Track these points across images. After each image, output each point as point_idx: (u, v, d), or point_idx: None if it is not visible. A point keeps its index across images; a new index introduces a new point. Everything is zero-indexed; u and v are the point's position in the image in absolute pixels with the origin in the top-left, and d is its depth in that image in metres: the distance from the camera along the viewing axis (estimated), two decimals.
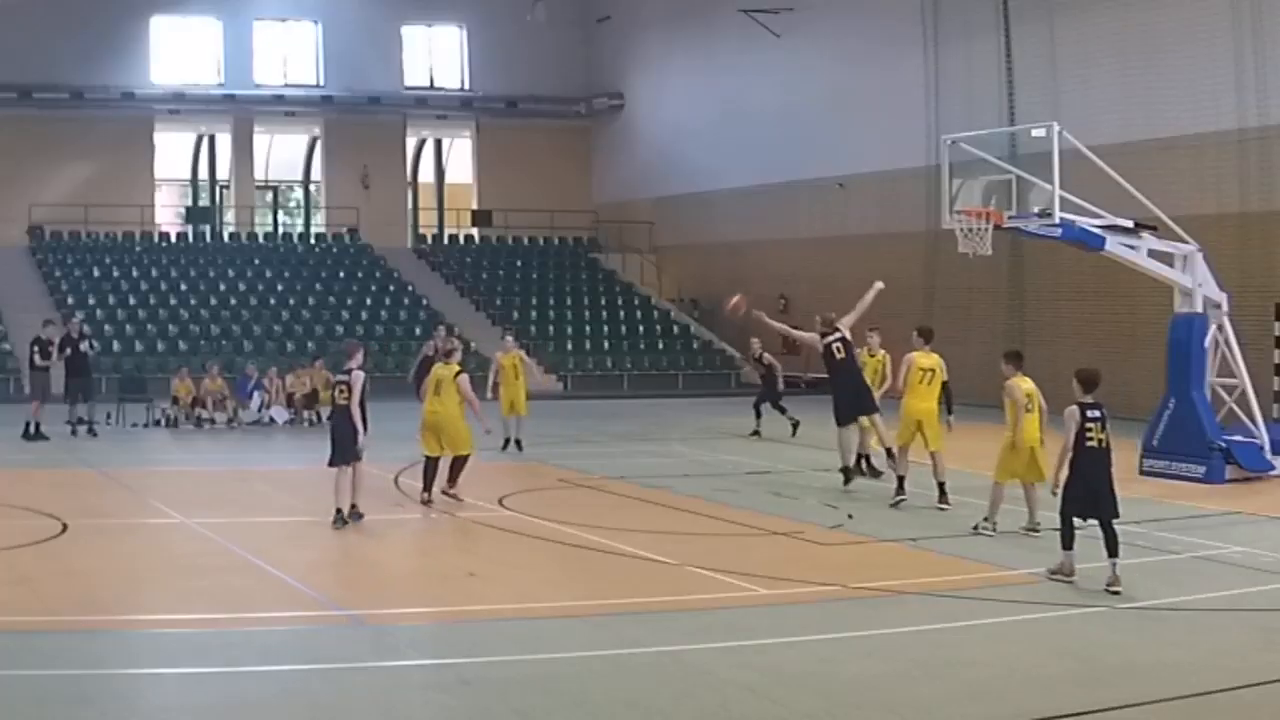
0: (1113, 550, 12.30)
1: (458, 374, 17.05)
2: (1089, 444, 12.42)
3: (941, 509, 16.80)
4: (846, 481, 18.51)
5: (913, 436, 17.29)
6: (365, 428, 15.67)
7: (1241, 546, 14.67)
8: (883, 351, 20.57)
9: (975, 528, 15.28)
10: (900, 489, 17.35)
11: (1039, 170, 19.64)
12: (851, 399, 18.47)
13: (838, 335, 18.39)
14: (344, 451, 15.60)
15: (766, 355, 26.70)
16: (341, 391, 15.73)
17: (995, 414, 15.47)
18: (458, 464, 17.23)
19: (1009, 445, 15.04)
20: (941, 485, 17.13)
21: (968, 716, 9.13)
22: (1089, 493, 12.41)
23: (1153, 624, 11.15)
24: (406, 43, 47.14)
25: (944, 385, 17.55)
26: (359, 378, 15.69)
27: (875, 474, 19.24)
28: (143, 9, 43.47)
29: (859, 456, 19.25)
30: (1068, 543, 12.63)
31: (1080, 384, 12.67)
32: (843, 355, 18.42)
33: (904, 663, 10.14)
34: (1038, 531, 14.86)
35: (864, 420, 18.79)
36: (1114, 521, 12.40)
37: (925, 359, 17.37)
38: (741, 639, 10.77)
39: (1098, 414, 12.52)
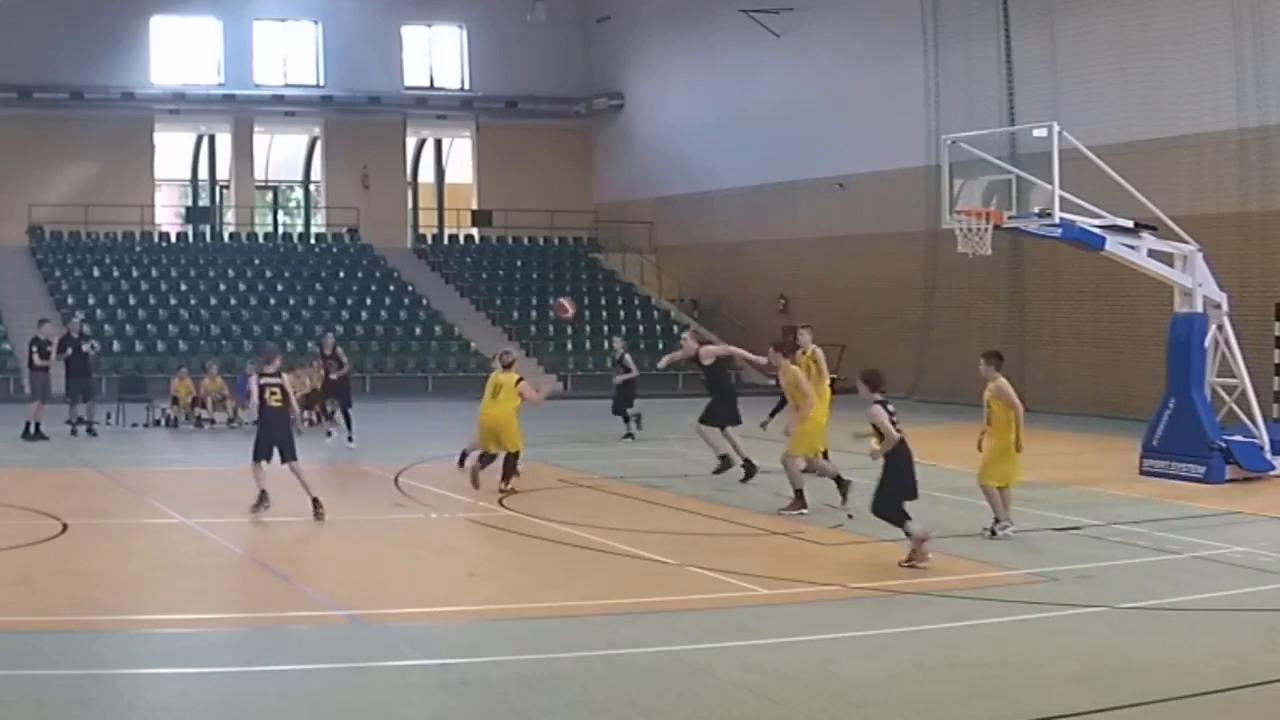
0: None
1: (519, 381, 18.49)
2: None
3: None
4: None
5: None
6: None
7: (1241, 546, 14.65)
8: (813, 347, 19.12)
9: (992, 532, 14.90)
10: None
11: (1039, 170, 19.63)
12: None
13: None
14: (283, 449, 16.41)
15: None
16: (274, 394, 16.21)
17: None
18: (510, 461, 18.24)
19: (1004, 448, 14.82)
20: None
21: (968, 716, 9.12)
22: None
23: (1153, 624, 11.13)
24: (406, 43, 47.14)
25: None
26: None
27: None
28: (143, 9, 43.48)
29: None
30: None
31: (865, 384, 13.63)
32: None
33: (904, 663, 10.13)
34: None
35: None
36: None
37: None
38: (741, 639, 10.76)
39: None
